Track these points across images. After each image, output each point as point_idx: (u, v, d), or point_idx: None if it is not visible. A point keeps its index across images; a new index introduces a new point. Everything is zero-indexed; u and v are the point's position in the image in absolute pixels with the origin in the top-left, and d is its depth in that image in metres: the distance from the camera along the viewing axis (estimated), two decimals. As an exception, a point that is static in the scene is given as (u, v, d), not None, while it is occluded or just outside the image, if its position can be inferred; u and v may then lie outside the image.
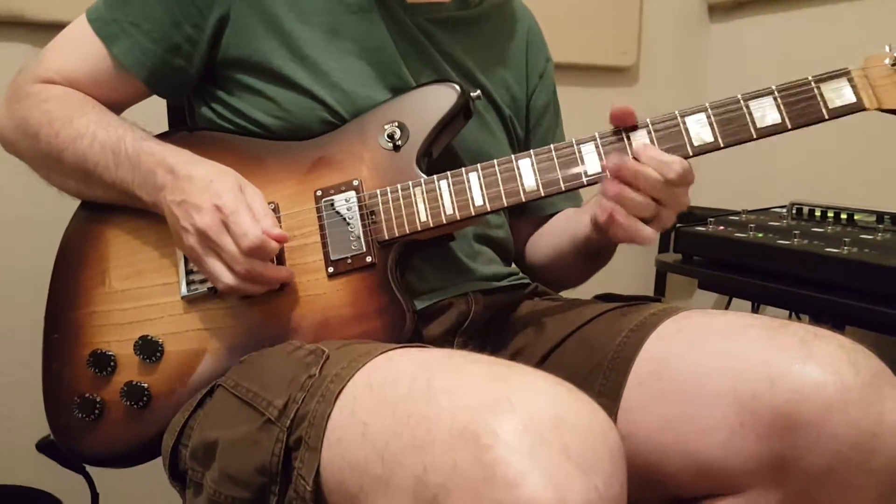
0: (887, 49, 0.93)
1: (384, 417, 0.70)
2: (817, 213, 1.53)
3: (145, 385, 0.96)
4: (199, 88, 1.09)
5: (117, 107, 1.07)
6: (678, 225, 1.62)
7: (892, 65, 0.92)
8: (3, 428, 1.68)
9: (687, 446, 0.81)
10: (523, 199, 0.96)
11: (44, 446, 1.10)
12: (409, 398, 0.70)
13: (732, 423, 0.78)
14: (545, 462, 0.61)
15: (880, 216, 1.44)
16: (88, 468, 1.27)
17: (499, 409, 0.64)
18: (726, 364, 0.81)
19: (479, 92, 1.02)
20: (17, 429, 1.65)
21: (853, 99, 0.92)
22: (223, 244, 0.91)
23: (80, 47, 1.04)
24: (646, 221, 0.93)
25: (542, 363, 1.00)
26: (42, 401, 1.01)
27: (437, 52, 1.09)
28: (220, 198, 0.91)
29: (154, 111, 1.17)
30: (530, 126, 1.24)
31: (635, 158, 0.93)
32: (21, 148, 1.05)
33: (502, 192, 0.96)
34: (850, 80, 0.92)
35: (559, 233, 1.20)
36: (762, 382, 0.77)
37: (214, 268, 0.92)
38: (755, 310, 1.86)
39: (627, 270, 2.17)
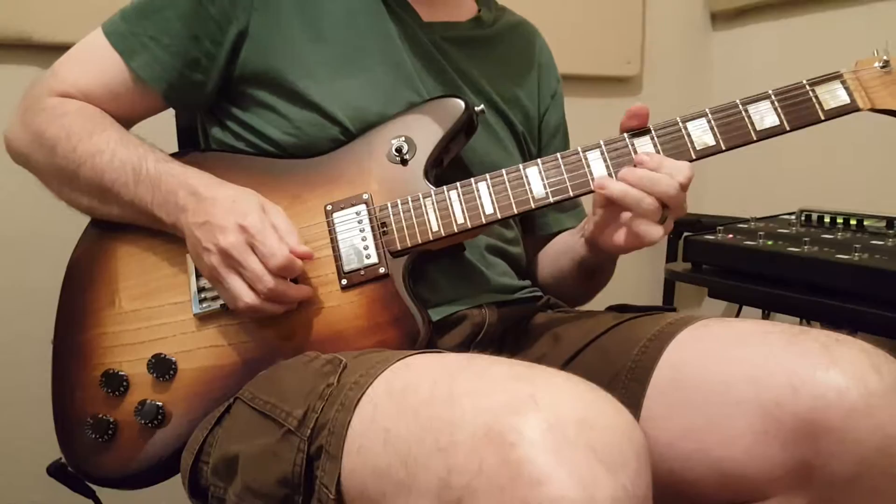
0: (875, 53, 0.97)
1: (406, 423, 0.70)
2: (826, 220, 1.52)
3: (159, 403, 0.96)
4: (213, 106, 1.09)
5: (131, 121, 1.07)
6: (686, 233, 1.61)
7: (882, 67, 0.96)
8: (13, 448, 1.68)
9: (710, 454, 0.80)
10: (533, 206, 0.97)
11: (54, 470, 1.09)
12: (431, 402, 0.70)
13: (756, 430, 0.77)
14: (572, 460, 0.61)
15: (890, 222, 1.44)
16: (98, 493, 1.26)
17: (523, 408, 0.64)
18: (748, 372, 0.80)
19: (482, 106, 1.03)
20: (27, 449, 1.64)
21: (847, 100, 0.95)
22: (247, 263, 0.91)
23: (96, 61, 1.04)
24: None
25: (559, 373, 1.00)
26: (50, 421, 1.01)
27: (452, 69, 1.10)
28: (245, 218, 0.91)
29: (163, 129, 1.17)
30: (542, 144, 1.25)
31: (638, 165, 0.94)
32: (35, 161, 1.04)
33: (512, 199, 0.97)
34: (843, 83, 0.96)
35: (560, 252, 1.21)
36: (785, 389, 0.77)
37: (236, 286, 0.92)
38: (765, 318, 1.85)
39: (635, 280, 2.17)
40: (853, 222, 1.47)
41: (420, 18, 1.09)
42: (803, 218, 1.57)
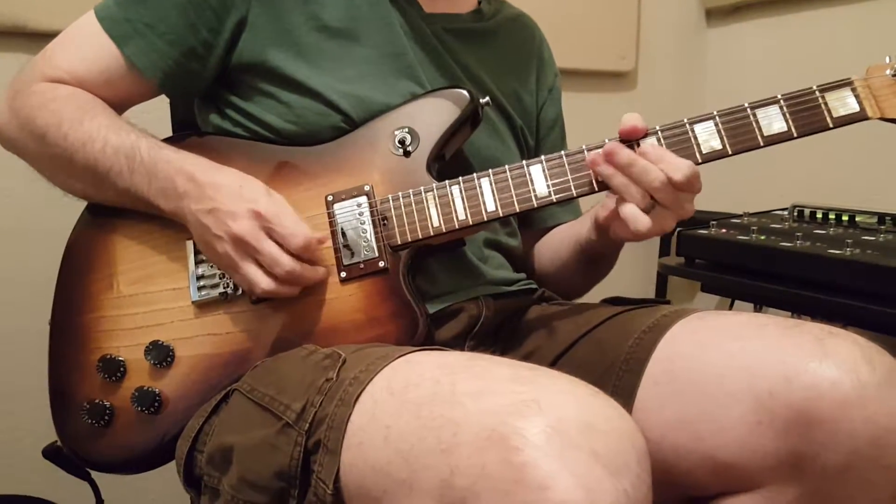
0: (888, 60, 0.96)
1: (407, 421, 0.70)
2: (819, 215, 1.53)
3: (157, 390, 0.96)
4: (211, 93, 1.08)
5: (124, 106, 1.06)
6: (679, 228, 1.62)
7: (894, 75, 0.95)
8: (8, 438, 1.68)
9: (703, 445, 0.81)
10: (535, 205, 0.97)
11: (50, 453, 1.10)
12: (433, 401, 0.70)
13: (749, 421, 0.78)
14: (575, 464, 0.61)
15: (881, 217, 1.45)
16: (94, 475, 1.27)
17: (527, 411, 0.64)
18: (742, 363, 0.81)
19: (488, 98, 1.03)
20: (21, 438, 1.64)
21: (857, 108, 0.94)
22: (264, 248, 0.90)
23: (89, 46, 1.02)
24: None
25: (553, 365, 1.00)
26: (46, 410, 1.01)
27: (453, 61, 1.10)
28: (257, 203, 0.91)
29: (158, 118, 1.17)
30: (539, 138, 1.25)
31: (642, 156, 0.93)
32: (25, 148, 1.03)
33: (514, 198, 0.97)
34: (854, 90, 0.95)
35: (561, 241, 1.21)
36: (779, 380, 0.78)
37: (252, 273, 0.91)
38: (758, 312, 1.86)
39: (629, 274, 2.17)
40: (845, 218, 1.48)
41: (422, 9, 1.09)
42: (796, 213, 1.58)
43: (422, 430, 0.68)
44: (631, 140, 0.96)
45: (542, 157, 0.97)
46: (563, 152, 0.98)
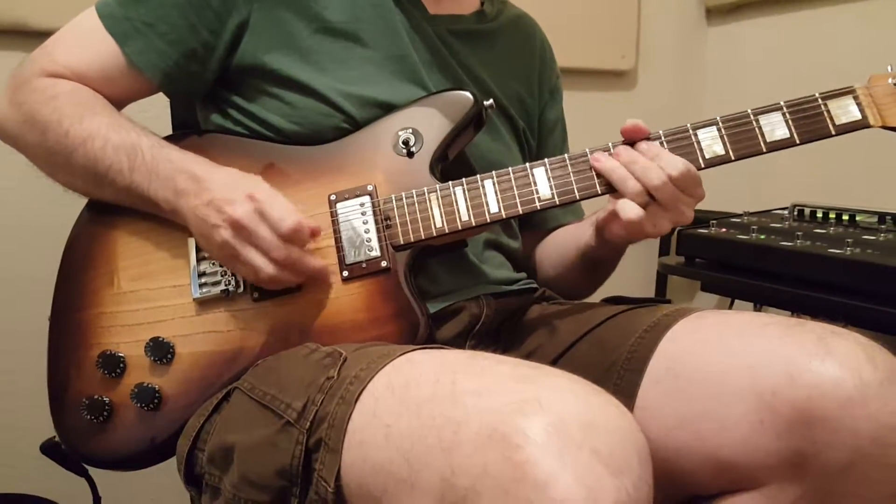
0: (890, 69, 0.97)
1: (408, 419, 0.70)
2: (819, 215, 1.53)
3: (156, 387, 0.96)
4: (212, 92, 1.08)
5: (123, 102, 1.06)
6: (679, 228, 1.62)
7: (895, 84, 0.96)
8: (7, 437, 1.67)
9: (706, 443, 0.81)
10: (538, 207, 0.97)
11: (48, 448, 1.10)
12: (434, 400, 0.70)
13: (752, 419, 0.78)
14: (576, 463, 0.61)
15: (882, 217, 1.45)
16: (92, 473, 1.27)
17: (528, 410, 0.64)
18: (745, 362, 0.81)
19: (492, 101, 1.03)
20: (18, 436, 1.64)
21: (859, 116, 0.96)
22: (259, 232, 0.89)
23: (90, 42, 1.02)
24: None
25: (554, 364, 0.99)
26: (44, 408, 1.00)
27: (456, 63, 1.10)
28: (252, 188, 0.91)
29: (158, 115, 1.17)
30: (541, 139, 1.26)
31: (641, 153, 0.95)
32: (26, 143, 1.02)
33: (517, 199, 0.97)
34: (856, 98, 0.96)
35: (563, 244, 1.21)
36: (781, 379, 0.77)
37: (253, 258, 0.90)
38: (758, 311, 1.86)
39: (629, 274, 2.16)
40: (845, 217, 1.49)
41: (426, 11, 1.09)
42: (796, 213, 1.58)
43: (423, 429, 0.68)
44: (633, 140, 0.97)
45: (546, 160, 0.98)
46: (566, 154, 0.98)
